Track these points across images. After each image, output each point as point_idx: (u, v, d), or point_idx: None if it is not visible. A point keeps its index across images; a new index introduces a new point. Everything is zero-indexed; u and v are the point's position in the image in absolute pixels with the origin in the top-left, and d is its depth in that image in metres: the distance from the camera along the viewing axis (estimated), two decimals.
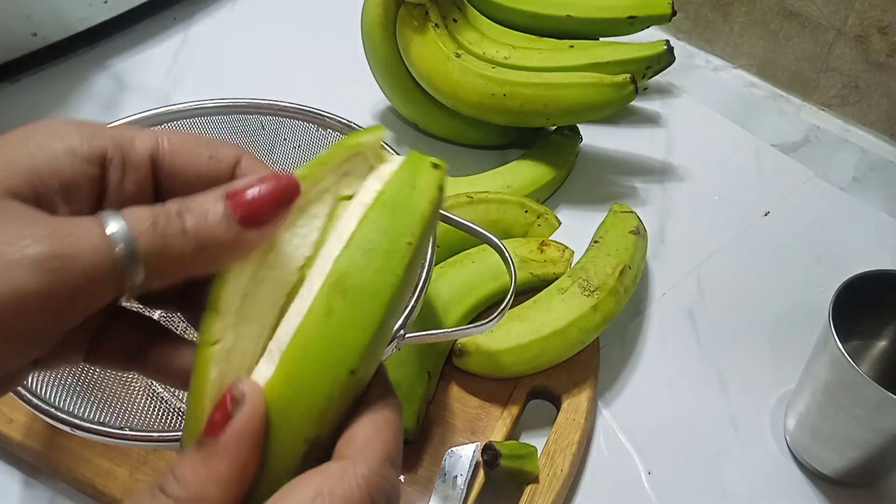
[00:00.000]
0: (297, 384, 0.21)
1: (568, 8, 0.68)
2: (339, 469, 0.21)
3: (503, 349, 0.50)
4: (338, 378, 0.21)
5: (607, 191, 0.68)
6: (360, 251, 0.22)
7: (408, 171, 0.24)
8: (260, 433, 0.21)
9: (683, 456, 0.51)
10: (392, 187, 0.23)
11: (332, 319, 0.22)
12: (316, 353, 0.21)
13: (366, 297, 0.22)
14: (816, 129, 0.74)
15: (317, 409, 0.21)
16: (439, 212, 0.24)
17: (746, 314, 0.59)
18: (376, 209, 0.23)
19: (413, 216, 0.23)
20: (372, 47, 0.66)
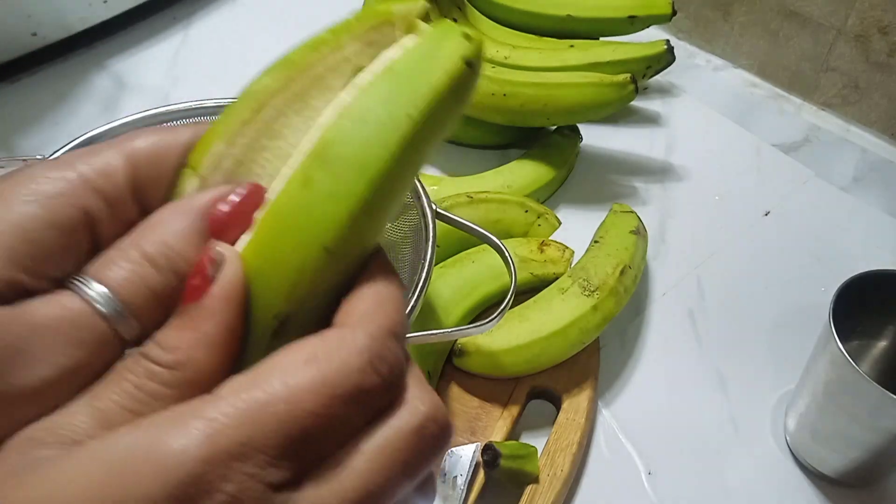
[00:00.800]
0: (268, 255, 0.20)
1: (568, 8, 0.68)
2: (336, 334, 0.20)
3: (503, 349, 0.50)
4: (310, 253, 0.20)
5: (607, 191, 0.68)
6: (350, 120, 0.20)
7: (432, 40, 0.21)
8: (243, 295, 0.20)
9: (684, 456, 0.51)
10: (408, 55, 0.21)
11: (309, 190, 0.20)
12: (288, 224, 0.20)
13: (348, 170, 0.20)
14: (817, 128, 0.74)
15: (286, 284, 0.20)
16: (463, 98, 0.21)
17: (747, 314, 0.59)
18: (382, 77, 0.20)
19: (422, 86, 0.20)
20: None
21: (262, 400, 0.18)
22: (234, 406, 0.18)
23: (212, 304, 0.20)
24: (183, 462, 0.17)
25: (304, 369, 0.19)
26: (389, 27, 0.22)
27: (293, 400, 0.19)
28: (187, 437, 0.18)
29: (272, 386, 0.19)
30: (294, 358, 0.19)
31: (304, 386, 0.19)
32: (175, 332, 0.20)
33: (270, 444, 0.18)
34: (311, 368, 0.19)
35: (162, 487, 0.17)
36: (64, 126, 0.70)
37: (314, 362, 0.19)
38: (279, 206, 0.20)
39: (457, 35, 0.21)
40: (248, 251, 0.20)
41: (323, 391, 0.19)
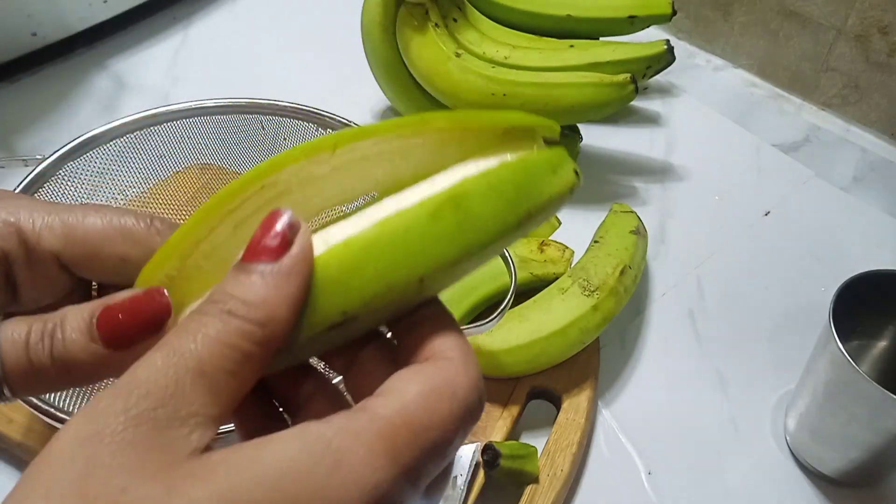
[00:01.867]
0: (370, 256, 0.21)
1: (568, 7, 0.68)
2: (455, 368, 0.21)
3: (503, 349, 0.50)
4: (408, 276, 0.21)
5: (607, 190, 0.68)
6: (487, 185, 0.22)
7: (553, 156, 0.24)
8: (312, 266, 0.21)
9: (684, 456, 0.51)
10: (536, 158, 0.23)
11: (436, 224, 0.21)
12: (404, 242, 0.21)
13: (472, 225, 0.22)
14: (817, 128, 0.74)
15: (371, 291, 0.21)
16: (555, 211, 0.24)
17: (747, 314, 0.59)
18: (518, 164, 0.23)
19: (543, 192, 0.23)
20: (372, 47, 0.66)
21: (423, 423, 0.19)
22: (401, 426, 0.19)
23: (294, 266, 0.20)
24: (378, 483, 0.18)
25: (448, 399, 0.20)
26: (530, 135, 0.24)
27: (442, 426, 0.20)
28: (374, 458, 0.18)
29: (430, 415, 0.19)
30: (432, 384, 0.20)
31: (448, 415, 0.20)
32: (257, 288, 0.19)
33: (428, 468, 0.19)
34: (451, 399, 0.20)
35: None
36: (64, 126, 0.70)
37: (449, 390, 0.20)
38: (402, 221, 0.21)
39: (572, 165, 0.24)
40: (353, 241, 0.21)
41: (459, 422, 0.20)
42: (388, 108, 0.72)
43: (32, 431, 0.48)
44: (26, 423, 0.48)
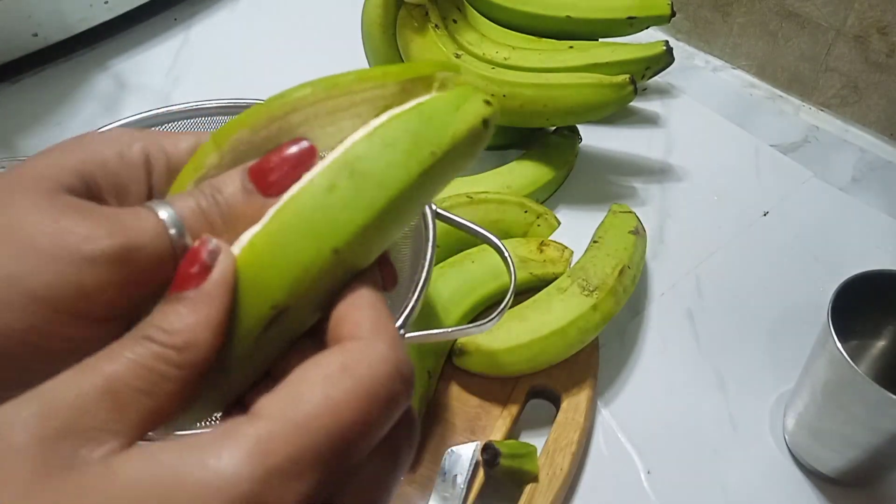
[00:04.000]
0: (279, 246, 0.21)
1: (567, 9, 0.68)
2: (359, 346, 0.21)
3: (503, 349, 0.50)
4: (320, 252, 0.21)
5: (606, 191, 0.68)
6: (380, 141, 0.22)
7: (456, 95, 0.23)
8: (234, 284, 0.21)
9: (683, 455, 0.51)
10: (434, 101, 0.23)
11: (332, 195, 0.21)
12: (306, 221, 0.21)
13: (372, 184, 0.21)
14: (815, 129, 0.75)
15: (290, 277, 0.21)
16: (475, 149, 0.24)
17: (745, 314, 0.59)
18: (410, 113, 0.23)
19: (445, 131, 0.22)
20: (372, 48, 0.66)
21: (309, 414, 0.19)
22: (281, 423, 0.18)
23: (212, 289, 0.21)
24: (237, 484, 0.17)
25: (340, 381, 0.19)
26: (427, 82, 0.24)
27: (337, 412, 0.19)
28: (237, 457, 0.18)
29: (314, 399, 0.19)
30: (327, 371, 0.20)
31: (344, 397, 0.19)
32: (178, 316, 0.20)
33: (322, 458, 0.18)
34: (347, 380, 0.19)
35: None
36: (65, 126, 0.70)
37: (348, 373, 0.19)
38: (298, 204, 0.21)
39: (480, 97, 0.23)
40: (257, 239, 0.21)
41: (363, 401, 0.19)
42: None
43: None
44: None
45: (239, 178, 0.23)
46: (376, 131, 0.22)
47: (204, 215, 0.23)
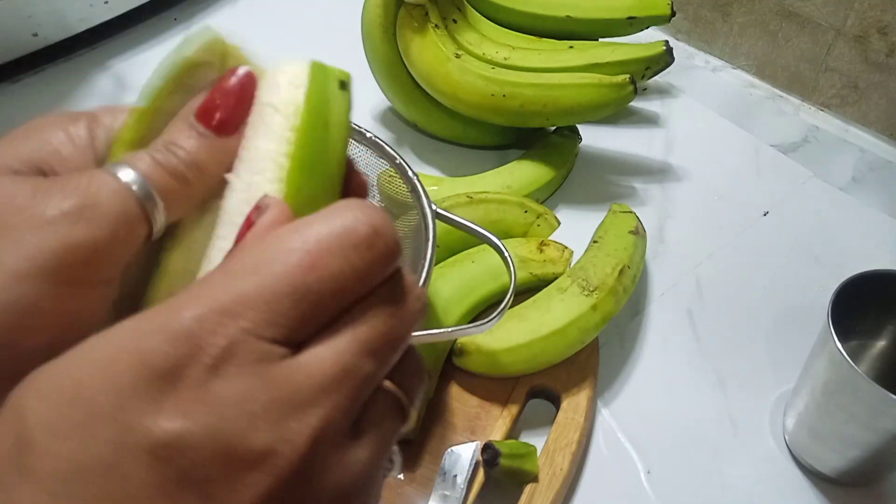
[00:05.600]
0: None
1: (567, 9, 0.68)
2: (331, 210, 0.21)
3: (503, 349, 0.50)
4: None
5: (606, 191, 0.68)
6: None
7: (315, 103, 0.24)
8: None
9: (682, 455, 0.51)
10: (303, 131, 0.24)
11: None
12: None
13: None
14: (815, 129, 0.75)
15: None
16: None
17: (745, 314, 0.59)
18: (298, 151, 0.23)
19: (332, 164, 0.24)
20: (372, 48, 0.66)
21: (250, 262, 0.19)
22: (222, 270, 0.20)
23: None
24: (169, 323, 0.18)
25: (292, 236, 0.20)
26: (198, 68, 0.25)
27: (282, 255, 0.19)
28: (180, 305, 0.19)
29: (268, 248, 0.20)
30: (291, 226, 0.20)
31: (304, 247, 0.20)
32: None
33: (262, 298, 0.19)
34: (298, 235, 0.20)
35: (158, 346, 0.18)
36: None
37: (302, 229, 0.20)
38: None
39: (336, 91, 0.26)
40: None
41: (322, 250, 0.20)
42: (387, 108, 0.73)
43: None
44: None
45: (187, 124, 0.24)
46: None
47: (166, 169, 0.23)
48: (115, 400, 0.18)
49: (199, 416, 0.18)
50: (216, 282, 0.19)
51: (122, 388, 0.18)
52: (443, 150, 0.71)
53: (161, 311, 0.19)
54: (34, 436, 0.17)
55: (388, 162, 0.45)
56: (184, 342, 0.18)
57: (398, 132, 0.72)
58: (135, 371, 0.18)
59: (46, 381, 0.18)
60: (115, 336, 0.19)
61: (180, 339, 0.18)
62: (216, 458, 0.18)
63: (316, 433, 0.19)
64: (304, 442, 0.18)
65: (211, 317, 0.18)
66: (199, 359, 0.18)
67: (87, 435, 0.17)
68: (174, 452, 0.17)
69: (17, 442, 0.18)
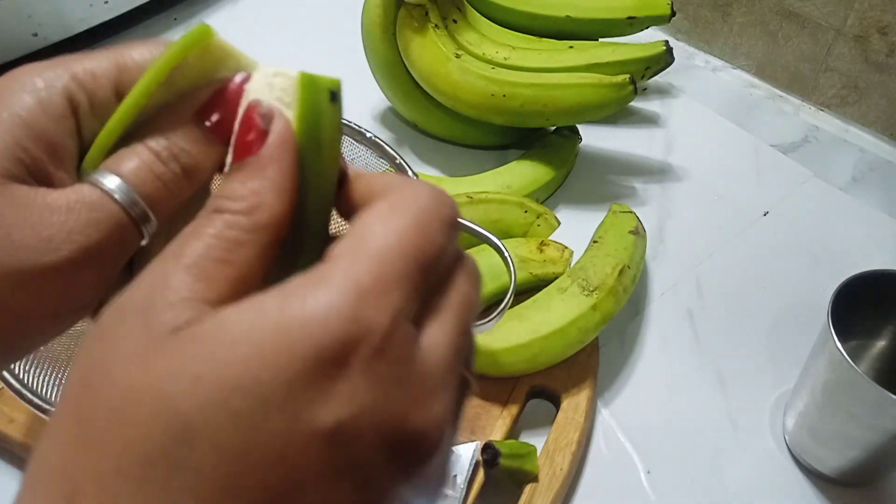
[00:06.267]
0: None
1: (567, 9, 0.68)
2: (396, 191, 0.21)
3: (503, 348, 0.50)
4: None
5: (606, 191, 0.68)
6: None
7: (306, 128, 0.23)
8: (293, 143, 0.22)
9: (682, 455, 0.51)
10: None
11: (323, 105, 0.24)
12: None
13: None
14: (815, 129, 0.75)
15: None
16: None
17: (745, 314, 0.59)
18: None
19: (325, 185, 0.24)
20: (372, 48, 0.66)
21: (380, 244, 0.19)
22: (357, 256, 0.19)
23: (272, 152, 0.21)
24: (340, 309, 0.18)
25: (394, 215, 0.20)
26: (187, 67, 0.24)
27: (402, 236, 0.20)
28: (332, 291, 0.18)
29: (378, 233, 0.20)
30: (378, 213, 0.20)
31: (403, 224, 0.20)
32: (240, 182, 0.21)
33: (402, 275, 0.19)
34: (399, 213, 0.20)
35: (328, 331, 0.18)
36: None
37: (397, 209, 0.20)
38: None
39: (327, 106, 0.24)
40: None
41: (421, 221, 0.20)
42: (387, 108, 0.73)
43: (33, 431, 0.48)
44: (27, 423, 0.48)
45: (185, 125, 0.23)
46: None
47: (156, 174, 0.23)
48: (285, 388, 0.17)
49: (367, 401, 0.18)
50: (355, 255, 0.19)
51: (291, 375, 0.17)
52: (443, 150, 0.71)
53: (317, 289, 0.18)
54: (192, 426, 0.17)
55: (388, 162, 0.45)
56: (353, 324, 0.18)
57: (398, 132, 0.72)
58: (305, 357, 0.17)
59: (190, 364, 0.17)
60: (269, 317, 0.18)
61: (350, 320, 0.18)
62: (382, 444, 0.18)
63: (447, 416, 0.19)
64: (443, 425, 0.19)
65: (372, 296, 0.18)
66: (368, 341, 0.18)
67: (253, 425, 0.17)
68: (345, 439, 0.17)
69: (170, 432, 0.17)
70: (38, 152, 0.22)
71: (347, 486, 0.18)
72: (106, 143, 0.23)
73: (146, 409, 0.17)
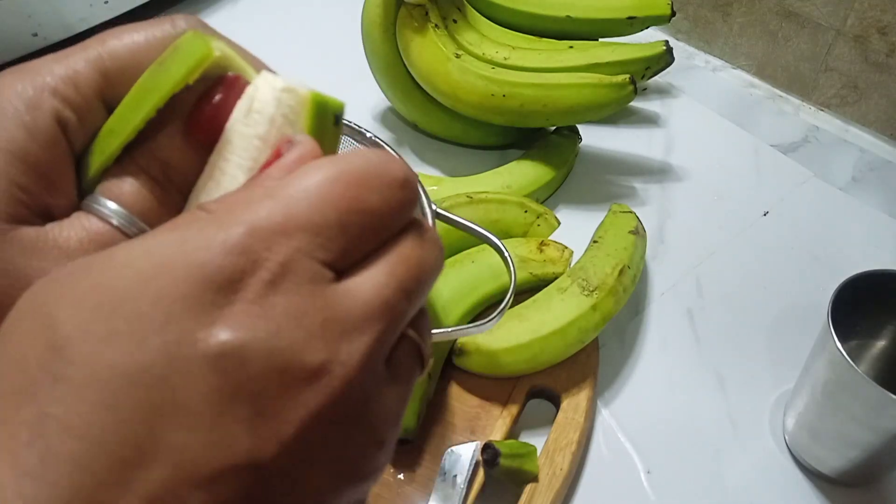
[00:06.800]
0: None
1: (567, 8, 0.68)
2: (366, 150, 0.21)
3: (503, 348, 0.50)
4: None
5: (606, 191, 0.68)
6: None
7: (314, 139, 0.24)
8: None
9: (682, 455, 0.51)
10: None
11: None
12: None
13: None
14: (815, 129, 0.75)
15: None
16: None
17: (745, 314, 0.59)
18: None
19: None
20: (372, 48, 0.66)
21: (295, 187, 0.19)
22: (263, 190, 0.19)
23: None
24: (224, 237, 0.18)
25: (325, 167, 0.20)
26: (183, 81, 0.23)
27: (324, 188, 0.20)
28: (228, 220, 0.18)
29: (294, 181, 0.20)
30: (310, 165, 0.20)
31: (329, 177, 0.20)
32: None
33: (312, 222, 0.19)
34: (329, 166, 0.20)
35: (212, 259, 0.18)
36: None
37: (329, 162, 0.20)
38: None
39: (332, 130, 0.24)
40: None
41: (351, 181, 0.20)
42: (387, 107, 0.73)
43: None
44: None
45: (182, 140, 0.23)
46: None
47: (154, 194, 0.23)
48: (166, 311, 0.17)
49: (257, 329, 0.18)
50: (261, 200, 0.19)
51: (174, 299, 0.17)
52: (443, 150, 0.70)
53: (208, 225, 0.18)
54: (71, 343, 0.17)
55: None
56: (241, 256, 0.18)
57: (398, 132, 0.72)
58: (187, 282, 0.18)
59: (77, 289, 0.18)
60: (156, 247, 0.18)
61: (237, 252, 0.18)
62: (272, 373, 0.18)
63: (364, 358, 0.19)
64: (354, 364, 0.19)
65: (267, 234, 0.18)
66: (257, 273, 0.18)
67: (132, 344, 0.17)
68: (231, 364, 0.17)
69: (50, 349, 0.17)
70: (37, 188, 0.22)
71: (241, 412, 0.17)
72: (106, 163, 0.23)
73: (27, 324, 0.18)
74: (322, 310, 0.19)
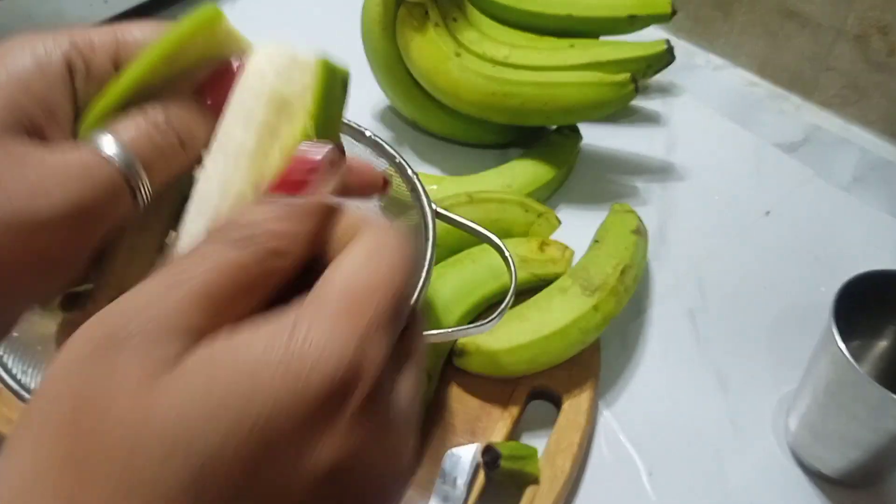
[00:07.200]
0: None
1: (568, 7, 0.68)
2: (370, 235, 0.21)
3: (503, 349, 0.50)
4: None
5: (608, 190, 0.68)
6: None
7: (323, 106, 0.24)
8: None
9: (684, 456, 0.51)
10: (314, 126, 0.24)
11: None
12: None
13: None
14: (816, 128, 0.74)
15: None
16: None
17: (747, 314, 0.59)
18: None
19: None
20: (372, 47, 0.66)
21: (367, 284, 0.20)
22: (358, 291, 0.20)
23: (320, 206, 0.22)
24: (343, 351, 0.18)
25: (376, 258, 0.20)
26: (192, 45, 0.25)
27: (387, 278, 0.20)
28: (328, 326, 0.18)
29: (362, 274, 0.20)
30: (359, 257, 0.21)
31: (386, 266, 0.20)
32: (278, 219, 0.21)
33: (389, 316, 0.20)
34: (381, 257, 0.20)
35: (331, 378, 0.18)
36: None
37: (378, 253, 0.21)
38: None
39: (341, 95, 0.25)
40: None
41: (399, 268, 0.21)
42: (387, 107, 0.72)
43: None
44: None
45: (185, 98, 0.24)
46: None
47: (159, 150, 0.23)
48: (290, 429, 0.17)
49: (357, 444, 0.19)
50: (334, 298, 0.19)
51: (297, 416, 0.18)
52: (443, 149, 0.70)
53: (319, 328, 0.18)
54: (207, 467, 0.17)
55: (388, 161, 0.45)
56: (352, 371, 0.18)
57: (398, 131, 0.72)
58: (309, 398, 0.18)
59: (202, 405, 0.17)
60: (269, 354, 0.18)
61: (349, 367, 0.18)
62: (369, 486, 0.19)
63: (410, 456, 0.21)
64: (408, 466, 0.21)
65: (362, 344, 0.19)
66: (361, 386, 0.18)
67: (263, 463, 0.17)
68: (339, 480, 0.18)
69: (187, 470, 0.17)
70: (36, 112, 0.23)
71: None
72: (104, 110, 0.24)
73: (158, 451, 0.17)
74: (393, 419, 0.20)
